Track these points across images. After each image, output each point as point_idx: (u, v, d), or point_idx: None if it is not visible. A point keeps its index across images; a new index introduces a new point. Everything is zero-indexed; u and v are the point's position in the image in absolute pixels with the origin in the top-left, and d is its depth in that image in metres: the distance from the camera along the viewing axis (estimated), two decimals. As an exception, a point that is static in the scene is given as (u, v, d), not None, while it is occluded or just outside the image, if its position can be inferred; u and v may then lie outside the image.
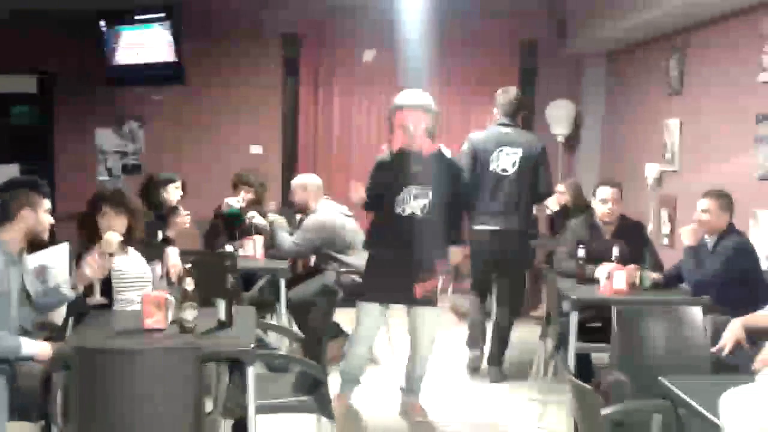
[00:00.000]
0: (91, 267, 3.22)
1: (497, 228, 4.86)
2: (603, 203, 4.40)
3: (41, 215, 3.24)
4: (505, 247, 4.87)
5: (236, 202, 5.25)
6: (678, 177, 5.74)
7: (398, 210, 4.03)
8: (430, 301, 4.15)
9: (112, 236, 3.35)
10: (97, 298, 3.37)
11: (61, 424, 2.64)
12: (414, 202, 4.03)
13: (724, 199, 3.97)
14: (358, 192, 4.10)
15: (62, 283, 3.37)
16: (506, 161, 4.89)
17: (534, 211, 5.40)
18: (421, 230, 4.04)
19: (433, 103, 4.14)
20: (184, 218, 4.81)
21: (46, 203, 3.29)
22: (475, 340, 5.20)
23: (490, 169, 4.88)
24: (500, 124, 5.06)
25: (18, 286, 3.17)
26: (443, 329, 6.11)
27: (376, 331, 4.26)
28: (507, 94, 5.14)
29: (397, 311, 4.44)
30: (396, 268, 4.06)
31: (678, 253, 4.62)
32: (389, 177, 4.07)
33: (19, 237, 3.20)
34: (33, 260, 3.66)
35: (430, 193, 4.04)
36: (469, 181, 4.77)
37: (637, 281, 4.06)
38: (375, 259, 4.18)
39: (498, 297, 5.17)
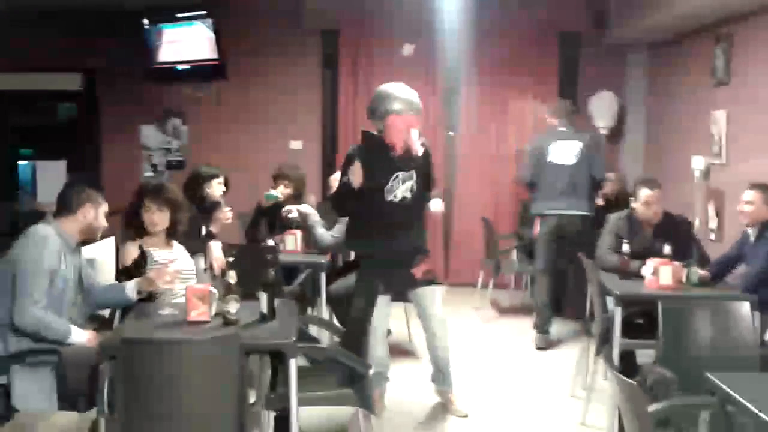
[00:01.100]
0: (160, 277, 3.31)
1: (566, 212, 5.43)
2: (647, 206, 4.34)
3: (100, 215, 3.37)
4: (573, 229, 5.35)
5: (275, 193, 5.28)
6: (725, 170, 5.61)
7: (389, 198, 3.93)
8: (429, 281, 4.16)
9: (131, 246, 3.40)
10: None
11: (107, 413, 2.69)
12: (402, 185, 3.96)
13: None
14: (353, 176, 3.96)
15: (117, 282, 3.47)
16: (567, 153, 5.50)
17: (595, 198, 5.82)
18: (412, 213, 4.02)
19: (417, 99, 4.07)
20: (226, 214, 4.86)
21: (106, 206, 3.41)
22: (544, 322, 5.50)
23: (550, 160, 5.49)
24: (558, 128, 5.68)
25: (74, 274, 3.26)
26: (482, 323, 6.13)
27: (386, 321, 4.24)
28: (562, 102, 5.98)
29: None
30: (395, 256, 4.00)
31: (726, 247, 4.53)
32: (371, 169, 3.92)
33: (78, 230, 3.31)
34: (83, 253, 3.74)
35: (414, 174, 3.98)
36: (528, 176, 5.58)
37: (684, 278, 3.98)
38: (373, 250, 4.03)
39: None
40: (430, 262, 4.25)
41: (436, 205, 4.52)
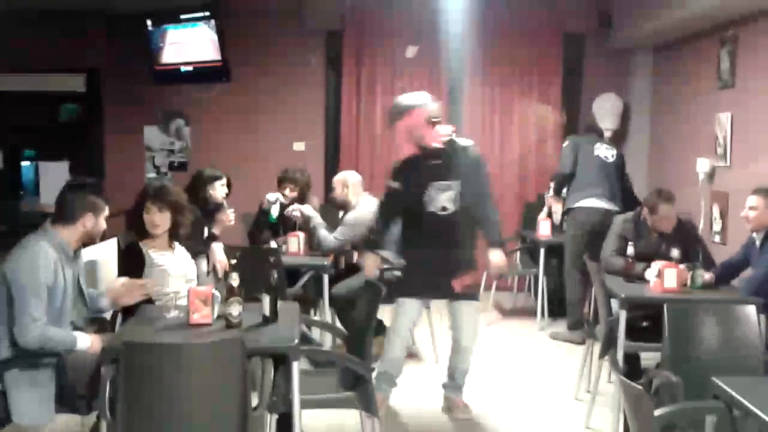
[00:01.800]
0: (125, 294, 3.27)
1: (605, 206, 5.50)
2: (667, 220, 4.33)
3: (101, 222, 3.29)
4: (608, 223, 5.13)
5: (275, 198, 5.25)
6: (730, 172, 5.59)
7: (430, 209, 3.96)
8: (470, 295, 4.12)
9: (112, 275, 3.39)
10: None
11: (109, 417, 2.67)
12: (443, 195, 3.96)
13: None
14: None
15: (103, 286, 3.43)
16: (608, 151, 5.72)
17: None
18: (456, 223, 3.99)
19: (429, 98, 4.07)
20: (228, 215, 4.85)
21: (107, 210, 3.33)
22: (577, 322, 5.55)
23: (595, 154, 5.67)
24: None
25: (73, 283, 3.23)
26: (485, 325, 6.10)
27: (412, 328, 4.23)
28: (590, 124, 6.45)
29: (438, 309, 4.40)
30: (435, 263, 4.00)
31: (730, 250, 4.51)
32: (407, 181, 4.00)
33: (77, 238, 3.25)
34: (83, 256, 3.72)
35: (456, 185, 3.97)
36: (568, 168, 5.67)
37: (688, 281, 3.96)
38: (414, 257, 4.12)
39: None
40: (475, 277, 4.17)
41: (495, 257, 4.07)
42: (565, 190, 5.88)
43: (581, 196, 5.62)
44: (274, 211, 5.13)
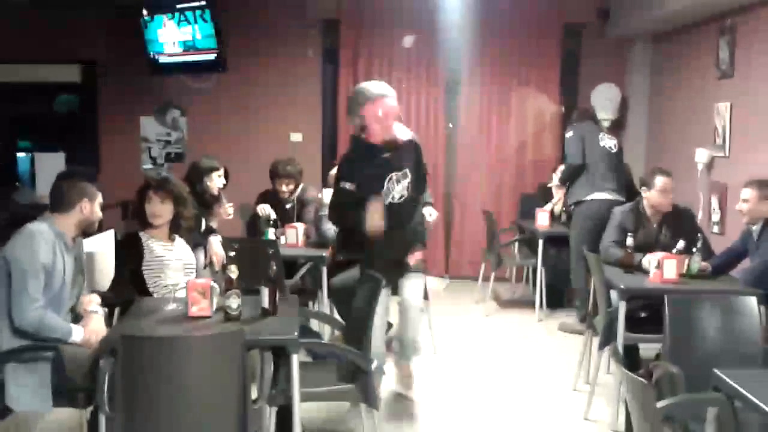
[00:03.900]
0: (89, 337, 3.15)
1: (616, 198, 5.44)
2: (664, 194, 4.31)
3: (96, 208, 3.30)
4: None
5: (272, 213, 5.15)
6: (729, 163, 5.58)
7: (387, 200, 3.90)
8: (417, 271, 4.12)
9: (94, 297, 3.33)
10: None
11: (107, 410, 2.66)
12: (399, 185, 3.94)
13: (765, 189, 4.00)
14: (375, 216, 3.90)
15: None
16: (610, 141, 5.70)
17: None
18: (407, 211, 4.00)
19: (390, 89, 3.97)
20: (227, 209, 4.81)
21: (100, 197, 3.35)
22: (586, 315, 5.41)
23: (601, 145, 5.63)
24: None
25: (71, 271, 3.22)
26: (484, 316, 6.10)
27: (387, 317, 4.23)
28: (576, 112, 6.12)
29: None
30: (395, 253, 4.00)
31: (729, 241, 4.51)
32: (363, 177, 3.88)
33: (73, 225, 3.25)
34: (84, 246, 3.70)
35: (408, 172, 3.96)
36: (580, 159, 5.58)
37: (684, 267, 3.96)
38: (375, 250, 3.94)
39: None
40: (430, 256, 4.20)
41: (430, 214, 4.66)
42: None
43: (591, 189, 5.55)
44: (271, 234, 5.02)
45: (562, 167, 6.11)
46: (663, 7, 5.86)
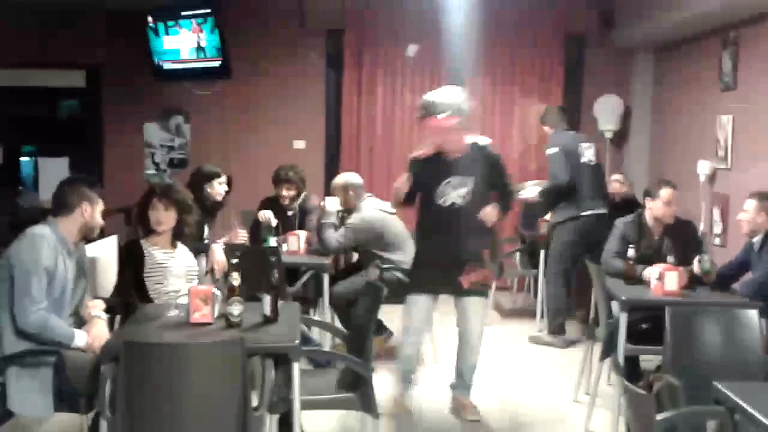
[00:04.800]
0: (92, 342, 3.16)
1: (598, 211, 5.53)
2: (668, 205, 4.30)
3: (97, 213, 3.32)
4: (602, 228, 5.24)
5: (273, 220, 5.16)
6: (731, 175, 5.58)
7: (439, 201, 4.00)
8: (477, 292, 4.11)
9: (98, 302, 3.34)
10: None
11: (109, 415, 2.66)
12: (454, 192, 3.99)
13: (766, 201, 4.01)
14: (401, 184, 4.04)
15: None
16: (589, 153, 5.66)
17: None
18: (463, 219, 4.00)
19: (462, 99, 4.04)
20: (239, 233, 4.83)
21: (101, 204, 3.36)
22: (558, 327, 5.58)
23: (582, 161, 5.60)
24: (565, 129, 5.82)
25: (73, 275, 3.23)
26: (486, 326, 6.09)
27: (425, 324, 4.22)
28: (552, 108, 6.01)
29: (444, 307, 4.39)
30: (441, 260, 4.03)
31: (731, 253, 4.51)
32: (426, 172, 4.02)
33: (75, 229, 3.27)
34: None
35: (470, 182, 4.00)
36: (567, 177, 5.50)
37: (695, 266, 3.95)
38: (421, 252, 4.16)
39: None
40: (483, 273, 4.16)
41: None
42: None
43: (577, 209, 5.54)
44: (272, 241, 5.02)
45: (536, 182, 6.09)
46: (666, 19, 5.88)
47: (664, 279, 3.88)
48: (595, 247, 5.18)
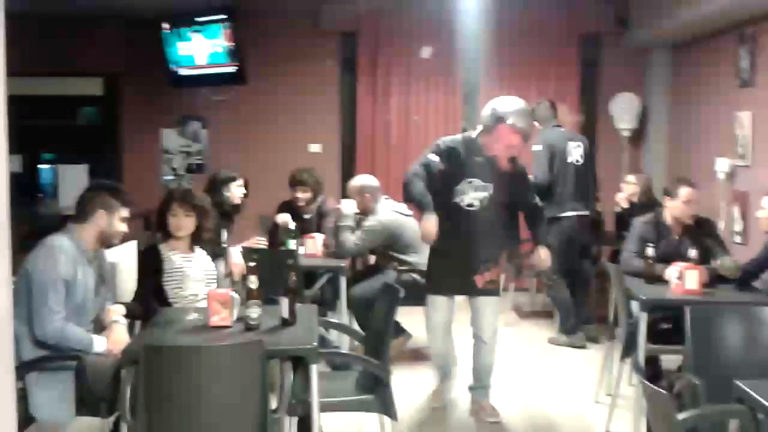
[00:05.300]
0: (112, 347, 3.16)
1: (582, 212, 5.51)
2: (688, 205, 4.26)
3: (115, 221, 3.27)
4: (585, 228, 5.50)
5: (292, 224, 5.16)
6: (750, 172, 5.53)
7: (456, 200, 3.98)
8: (490, 291, 4.11)
9: (118, 308, 3.33)
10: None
11: (129, 419, 2.68)
12: (474, 193, 3.98)
13: None
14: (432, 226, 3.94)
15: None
16: (576, 153, 5.57)
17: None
18: (479, 221, 3.99)
19: (528, 109, 4.14)
20: (258, 242, 4.86)
21: (124, 211, 3.30)
22: (572, 326, 5.55)
23: (568, 161, 5.52)
24: (555, 126, 5.72)
25: (93, 282, 3.24)
26: (503, 326, 6.07)
27: (447, 322, 4.22)
28: (543, 104, 5.79)
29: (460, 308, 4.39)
30: (456, 259, 4.03)
31: (751, 250, 4.46)
32: (452, 165, 4.00)
33: (93, 237, 3.25)
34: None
35: (491, 188, 3.99)
36: (548, 177, 5.43)
37: (719, 264, 3.92)
38: (436, 251, 4.15)
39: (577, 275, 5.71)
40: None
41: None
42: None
43: (558, 210, 5.45)
44: (291, 244, 5.02)
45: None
46: (682, 16, 5.84)
47: (684, 278, 3.84)
48: (584, 249, 5.19)
